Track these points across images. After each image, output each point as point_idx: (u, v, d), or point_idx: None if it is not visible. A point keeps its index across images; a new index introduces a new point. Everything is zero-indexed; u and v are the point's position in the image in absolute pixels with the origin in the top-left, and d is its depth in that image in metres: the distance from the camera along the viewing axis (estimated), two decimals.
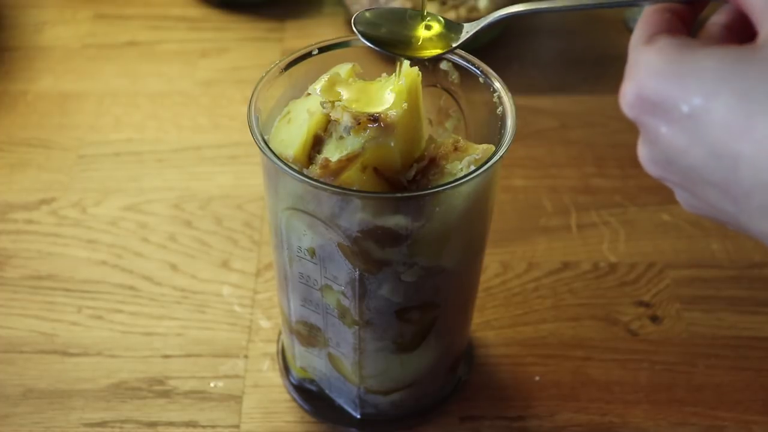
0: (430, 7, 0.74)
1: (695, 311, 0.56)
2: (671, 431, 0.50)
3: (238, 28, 0.80)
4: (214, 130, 0.69)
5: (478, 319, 0.55)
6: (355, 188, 0.37)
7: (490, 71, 0.42)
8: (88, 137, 0.68)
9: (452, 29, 0.39)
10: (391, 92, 0.39)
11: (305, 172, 0.38)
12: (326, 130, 0.39)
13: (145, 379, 0.52)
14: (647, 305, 0.56)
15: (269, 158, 0.37)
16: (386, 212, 0.37)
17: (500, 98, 0.41)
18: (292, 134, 0.39)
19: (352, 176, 0.37)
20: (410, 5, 0.73)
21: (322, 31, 0.80)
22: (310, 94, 0.41)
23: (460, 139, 0.40)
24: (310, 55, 0.42)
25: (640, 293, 0.57)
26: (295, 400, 0.51)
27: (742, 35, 0.31)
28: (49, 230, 0.61)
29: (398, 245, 0.38)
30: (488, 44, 0.77)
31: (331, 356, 0.46)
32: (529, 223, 0.62)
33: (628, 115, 0.30)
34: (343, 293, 0.41)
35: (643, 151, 0.32)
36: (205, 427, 0.49)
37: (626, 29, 0.80)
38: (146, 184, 0.64)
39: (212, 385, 0.51)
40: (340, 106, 0.38)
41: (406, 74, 0.39)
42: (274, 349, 0.53)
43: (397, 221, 0.37)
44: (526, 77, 0.76)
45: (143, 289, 0.57)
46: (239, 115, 0.71)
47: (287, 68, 0.42)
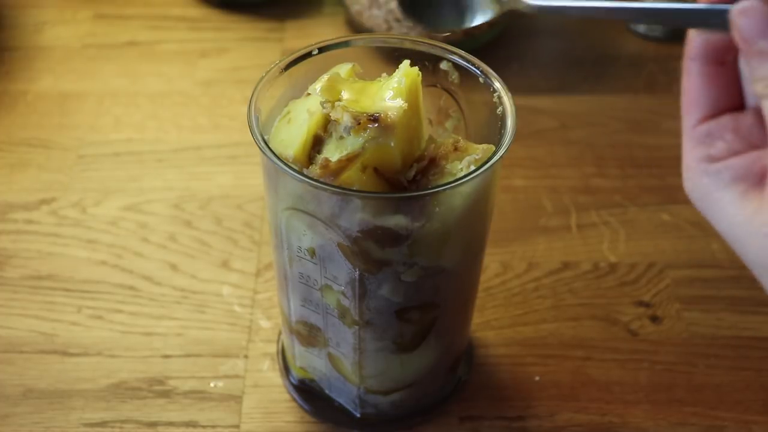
0: None
1: (695, 311, 0.56)
2: (671, 431, 0.50)
3: (238, 28, 0.81)
4: (214, 130, 0.69)
5: (478, 319, 0.55)
6: (355, 188, 0.37)
7: (490, 71, 0.42)
8: (88, 137, 0.68)
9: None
10: (391, 92, 0.39)
11: (305, 172, 0.38)
12: (326, 130, 0.39)
13: (145, 379, 0.52)
14: (647, 305, 0.56)
15: (269, 158, 0.37)
16: (386, 212, 0.37)
17: (500, 98, 0.41)
18: (292, 134, 0.39)
19: (352, 176, 0.37)
20: None
21: (322, 31, 0.80)
22: (310, 94, 0.41)
23: (460, 139, 0.40)
24: (310, 55, 0.42)
25: (640, 293, 0.57)
26: (295, 400, 0.51)
27: None
28: (49, 230, 0.61)
29: (398, 245, 0.38)
30: (488, 44, 0.77)
31: (331, 356, 0.46)
32: (529, 223, 0.62)
33: None
34: (343, 293, 0.41)
35: None
36: (205, 427, 0.49)
37: (626, 29, 0.80)
38: (146, 184, 0.64)
39: (212, 385, 0.51)
40: (340, 106, 0.38)
41: (406, 74, 0.39)
42: (274, 349, 0.53)
43: (397, 221, 0.37)
44: (526, 77, 0.76)
45: (143, 289, 0.57)
46: (239, 115, 0.71)
47: (287, 68, 0.42)
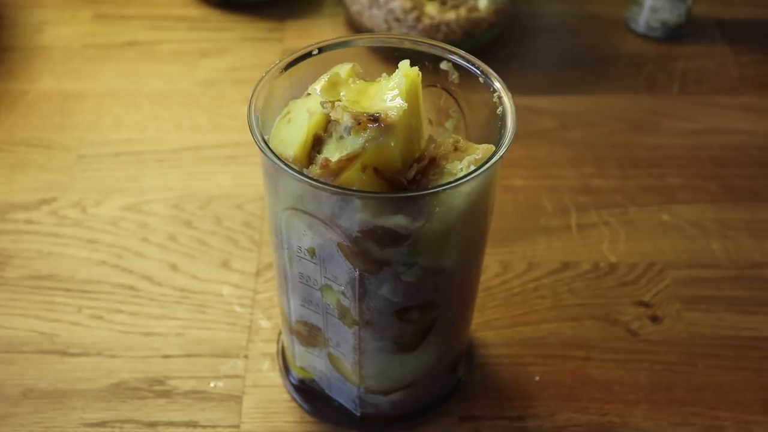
0: (430, 6, 0.74)
1: (695, 311, 0.56)
2: (671, 431, 0.50)
3: (238, 28, 0.81)
4: (214, 130, 0.69)
5: (478, 319, 0.55)
6: (354, 188, 0.37)
7: (490, 71, 0.42)
8: (88, 137, 0.68)
9: None
10: (391, 92, 0.39)
11: (305, 171, 0.38)
12: (326, 130, 0.39)
13: (145, 379, 0.52)
14: (647, 305, 0.56)
15: (269, 158, 0.37)
16: (386, 212, 0.37)
17: (500, 98, 0.41)
18: (292, 134, 0.39)
19: (352, 176, 0.37)
20: (410, 5, 0.73)
21: (322, 31, 0.80)
22: (310, 94, 0.41)
23: (460, 139, 0.40)
24: (310, 55, 0.42)
25: (640, 293, 0.57)
26: (295, 400, 0.51)
27: None
28: (49, 230, 0.61)
29: (398, 245, 0.38)
30: (488, 44, 0.77)
31: (331, 356, 0.46)
32: (529, 223, 0.62)
33: None
34: (342, 293, 0.41)
35: None
36: (205, 427, 0.49)
37: (626, 29, 0.80)
38: (146, 184, 0.64)
39: (212, 385, 0.51)
40: (340, 106, 0.38)
41: (406, 74, 0.39)
42: (274, 349, 0.53)
43: (397, 221, 0.37)
44: (526, 77, 0.76)
45: (143, 289, 0.57)
46: (239, 115, 0.71)
47: (287, 68, 0.42)
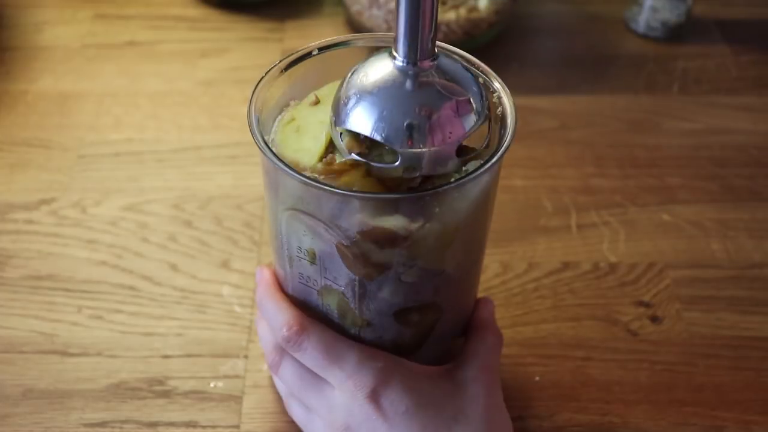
0: None
1: (695, 311, 0.56)
2: (671, 431, 0.50)
3: (238, 28, 0.81)
4: (214, 130, 0.69)
5: None
6: (354, 189, 0.37)
7: (490, 71, 0.42)
8: (88, 137, 0.68)
9: None
10: None
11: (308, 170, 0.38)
12: None
13: (145, 379, 0.52)
14: (647, 305, 0.56)
15: (269, 159, 0.37)
16: (386, 213, 0.37)
17: (500, 98, 0.41)
18: (307, 145, 0.39)
19: (353, 178, 0.37)
20: None
21: (322, 31, 0.80)
22: (318, 102, 0.40)
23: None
24: (309, 55, 0.42)
25: (640, 293, 0.57)
26: None
27: None
28: (49, 230, 0.61)
29: (398, 246, 0.38)
30: (488, 44, 0.77)
31: None
32: (529, 223, 0.62)
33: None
34: (342, 294, 0.41)
35: None
36: (205, 427, 0.49)
37: (626, 29, 0.80)
38: (146, 184, 0.64)
39: (212, 385, 0.51)
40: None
41: None
42: None
43: (396, 222, 0.37)
44: (526, 77, 0.76)
45: (143, 289, 0.57)
46: (239, 115, 0.71)
47: (287, 68, 0.42)
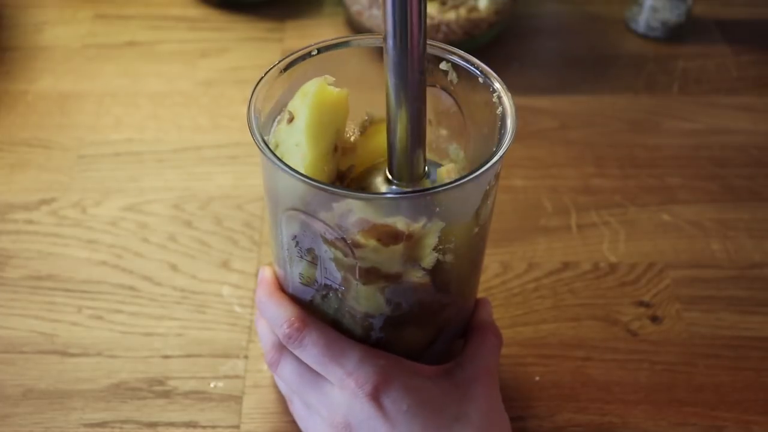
0: (429, 7, 0.74)
1: (695, 311, 0.56)
2: (671, 431, 0.50)
3: (238, 28, 0.81)
4: (214, 130, 0.69)
5: None
6: (355, 189, 0.37)
7: (490, 71, 0.42)
8: (88, 137, 0.68)
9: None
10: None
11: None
12: None
13: (145, 379, 0.52)
14: (647, 305, 0.56)
15: (269, 158, 0.37)
16: (386, 213, 0.37)
17: (500, 98, 0.41)
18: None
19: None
20: None
21: (322, 31, 0.80)
22: (292, 119, 0.41)
23: None
24: (309, 55, 0.42)
25: (640, 293, 0.57)
26: None
27: None
28: (49, 230, 0.61)
29: (399, 244, 0.38)
30: (488, 44, 0.77)
31: None
32: (529, 223, 0.62)
33: None
34: (342, 294, 0.41)
35: None
36: (205, 427, 0.49)
37: (626, 29, 0.80)
38: (146, 184, 0.64)
39: (212, 385, 0.51)
40: None
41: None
42: None
43: (396, 222, 0.37)
44: (526, 77, 0.76)
45: (143, 289, 0.57)
46: (239, 115, 0.71)
47: (287, 68, 0.42)
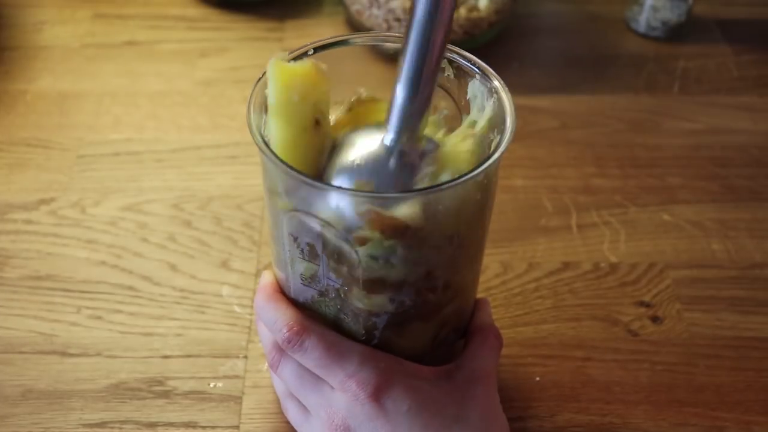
0: None
1: (696, 311, 0.56)
2: None
3: (237, 28, 0.80)
4: (213, 130, 0.69)
5: None
6: (354, 188, 0.37)
7: (490, 71, 0.42)
8: (87, 137, 0.68)
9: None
10: None
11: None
12: None
13: (144, 379, 0.52)
14: (648, 305, 0.56)
15: (269, 158, 0.37)
16: (386, 212, 0.37)
17: (500, 98, 0.40)
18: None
19: None
20: (410, 4, 0.73)
21: (322, 31, 0.80)
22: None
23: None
24: (306, 55, 0.42)
25: (640, 293, 0.57)
26: None
27: None
28: (48, 230, 0.61)
29: (400, 238, 0.38)
30: (488, 44, 0.77)
31: None
32: (529, 223, 0.62)
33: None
34: (344, 294, 0.41)
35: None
36: (204, 427, 0.49)
37: (627, 29, 0.80)
38: (146, 184, 0.64)
39: (212, 385, 0.51)
40: None
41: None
42: None
43: (396, 221, 0.37)
44: (526, 77, 0.76)
45: (143, 289, 0.57)
46: (239, 115, 0.71)
47: None
